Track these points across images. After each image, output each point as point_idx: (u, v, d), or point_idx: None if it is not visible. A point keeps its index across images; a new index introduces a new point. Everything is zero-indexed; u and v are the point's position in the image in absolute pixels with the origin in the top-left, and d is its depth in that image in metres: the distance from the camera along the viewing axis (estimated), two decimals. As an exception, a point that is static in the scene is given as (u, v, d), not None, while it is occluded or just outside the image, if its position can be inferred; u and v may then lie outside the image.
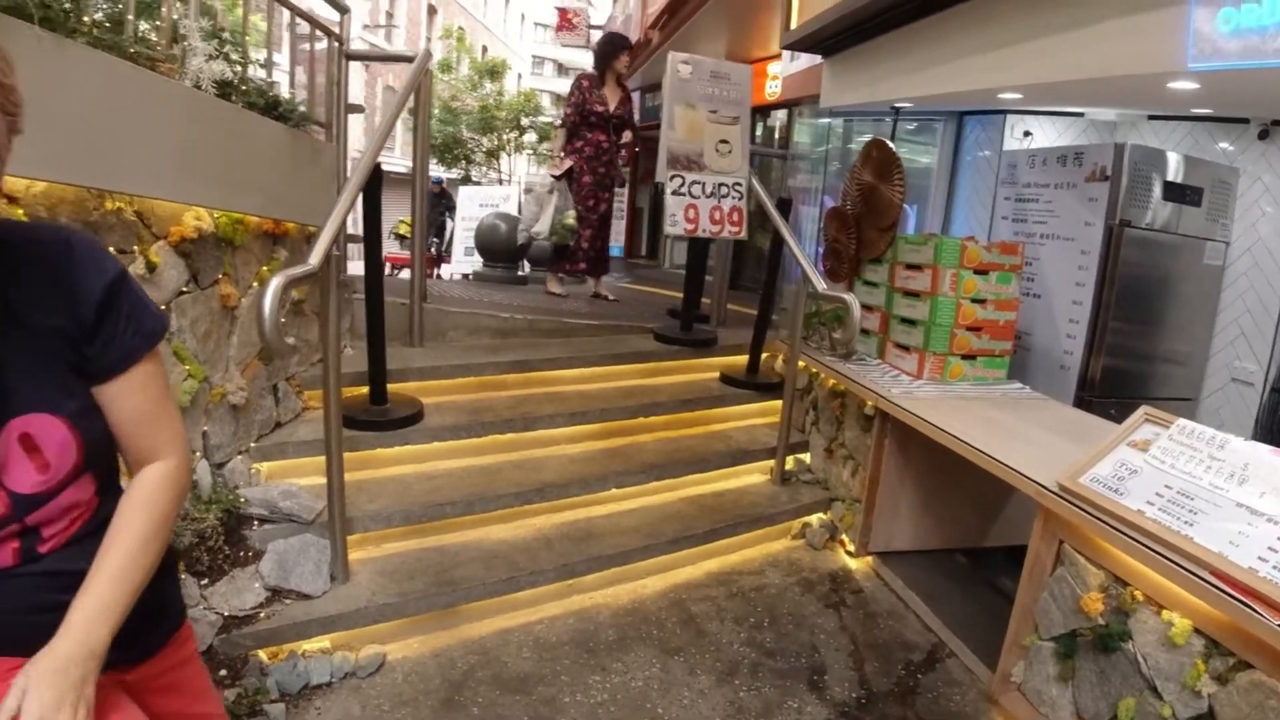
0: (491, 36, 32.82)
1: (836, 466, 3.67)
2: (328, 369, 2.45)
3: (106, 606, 0.97)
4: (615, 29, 13.57)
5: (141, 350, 1.07)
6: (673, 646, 2.75)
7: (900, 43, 4.28)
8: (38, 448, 0.98)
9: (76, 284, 1.02)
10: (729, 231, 4.16)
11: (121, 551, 1.01)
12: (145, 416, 1.08)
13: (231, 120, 2.74)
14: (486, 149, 17.96)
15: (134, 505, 1.06)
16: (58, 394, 1.00)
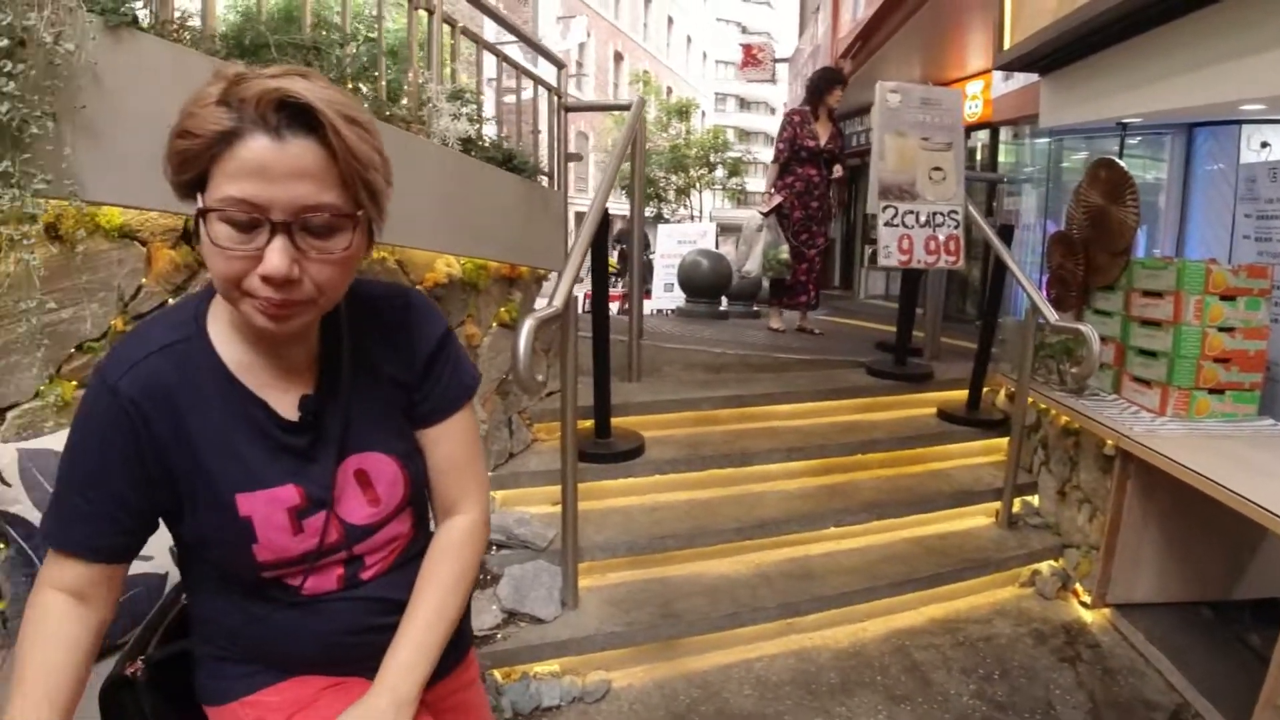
0: (675, 77, 33.60)
1: (1070, 510, 3.45)
2: (565, 403, 2.58)
3: (417, 658, 1.05)
4: (803, 61, 13.56)
5: (460, 400, 1.16)
6: (898, 694, 2.66)
7: (1128, 56, 4.03)
8: (371, 483, 1.08)
9: (413, 337, 1.11)
10: (945, 261, 4.05)
11: (431, 604, 1.09)
12: (457, 464, 1.16)
13: (474, 173, 2.95)
14: (677, 187, 18.32)
15: (442, 558, 1.14)
16: (391, 436, 1.10)
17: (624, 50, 29.15)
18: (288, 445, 1.02)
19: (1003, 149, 7.63)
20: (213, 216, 0.85)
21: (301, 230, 0.87)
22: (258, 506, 0.99)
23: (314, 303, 0.92)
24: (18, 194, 1.58)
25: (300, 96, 0.84)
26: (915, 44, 7.39)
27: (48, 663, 0.94)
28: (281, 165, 0.85)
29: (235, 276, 0.87)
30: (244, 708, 1.09)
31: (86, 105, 1.72)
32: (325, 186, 0.87)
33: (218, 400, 0.99)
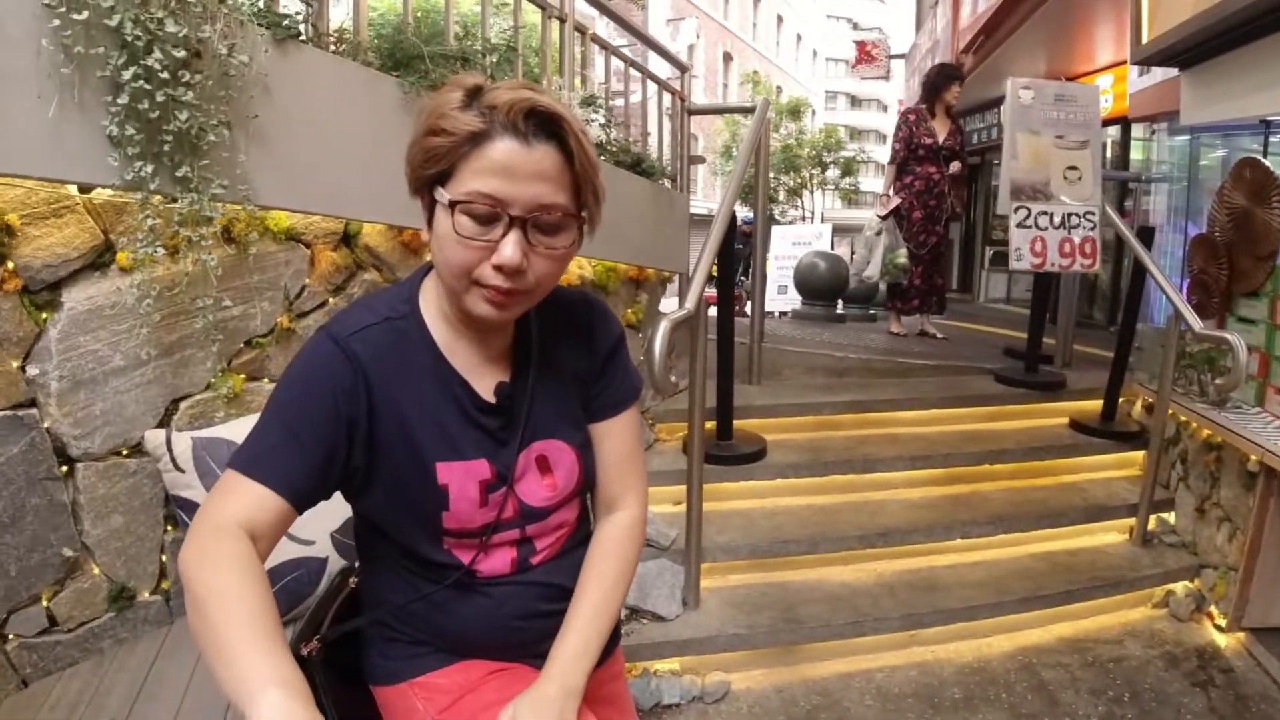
0: (785, 76, 33.26)
1: (1208, 529, 3.27)
2: (693, 405, 2.59)
3: (583, 649, 1.09)
4: (920, 57, 13.22)
5: (629, 399, 1.23)
6: (1024, 713, 2.58)
7: (1276, 50, 3.78)
8: (550, 468, 1.15)
9: (595, 336, 1.20)
10: (1080, 265, 3.89)
11: (595, 598, 1.14)
12: (622, 459, 1.22)
13: (606, 177, 2.99)
14: (789, 188, 18.13)
15: (605, 553, 1.19)
16: (571, 426, 1.17)
17: (733, 51, 29.03)
18: (482, 425, 1.09)
19: (1135, 146, 7.27)
20: (459, 208, 0.94)
21: (534, 227, 0.96)
22: (455, 476, 1.06)
23: (530, 294, 1.01)
24: (196, 198, 1.69)
25: (550, 107, 0.94)
26: (1041, 37, 7.11)
27: (263, 600, 0.88)
28: (526, 166, 0.93)
29: (469, 265, 0.96)
30: (413, 688, 1.15)
31: (258, 115, 1.82)
32: (559, 188, 0.96)
33: (428, 375, 1.07)
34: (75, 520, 1.70)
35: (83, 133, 1.58)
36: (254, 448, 0.98)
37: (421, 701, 1.13)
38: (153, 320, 1.73)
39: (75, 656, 1.68)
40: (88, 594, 1.71)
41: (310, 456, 0.98)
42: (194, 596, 0.86)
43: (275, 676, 0.79)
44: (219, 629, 0.83)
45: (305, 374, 1.02)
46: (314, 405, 0.99)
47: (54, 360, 1.64)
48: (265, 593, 0.89)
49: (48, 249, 1.63)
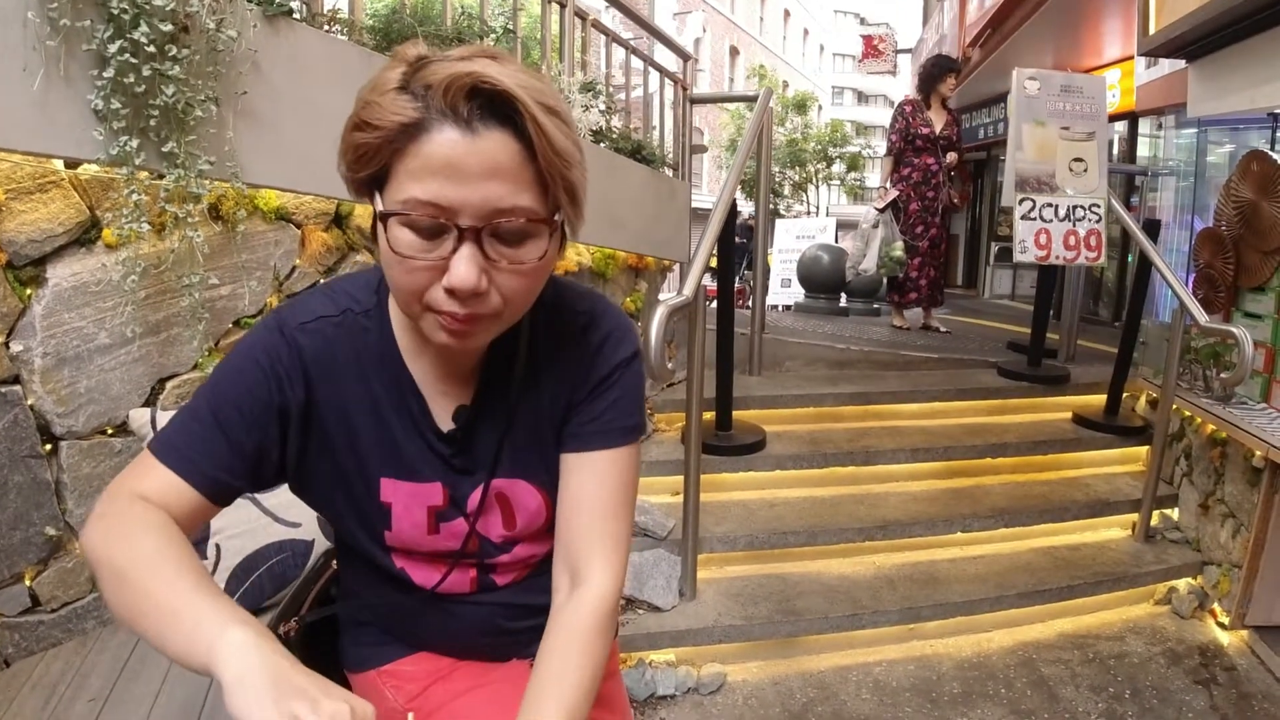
0: (791, 71, 33.20)
1: (1212, 525, 3.24)
2: (690, 394, 2.57)
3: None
4: (927, 51, 13.16)
5: (616, 437, 0.98)
6: (1023, 709, 2.55)
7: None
8: (511, 510, 1.00)
9: (593, 357, 0.98)
10: (1085, 258, 3.85)
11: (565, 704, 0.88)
12: (596, 508, 0.96)
13: (605, 163, 2.97)
14: (794, 182, 18.09)
15: (565, 655, 0.92)
16: (541, 466, 0.99)
17: (739, 45, 28.98)
18: (436, 449, 0.96)
19: (1142, 142, 7.22)
20: (393, 221, 0.76)
21: (492, 237, 0.77)
22: (400, 496, 0.95)
23: (499, 317, 0.83)
24: (183, 174, 1.66)
25: (496, 82, 0.73)
26: (1049, 31, 7.08)
27: (194, 560, 0.78)
28: (472, 162, 0.74)
29: (417, 289, 0.79)
30: (382, 676, 1.11)
31: (247, 91, 1.80)
32: (520, 187, 0.77)
33: (383, 380, 0.93)
34: (59, 499, 1.68)
35: (68, 106, 1.56)
36: (177, 433, 0.87)
37: (390, 690, 1.10)
38: (138, 298, 1.71)
39: (58, 637, 1.66)
40: (71, 574, 1.69)
41: (234, 451, 0.86)
42: (113, 569, 0.75)
43: (232, 617, 0.68)
44: (152, 590, 0.72)
45: (242, 363, 0.89)
46: (247, 397, 0.87)
47: (38, 337, 1.62)
48: (194, 555, 0.78)
49: (33, 224, 1.61)
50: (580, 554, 0.95)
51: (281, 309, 0.93)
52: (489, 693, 1.06)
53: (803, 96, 19.38)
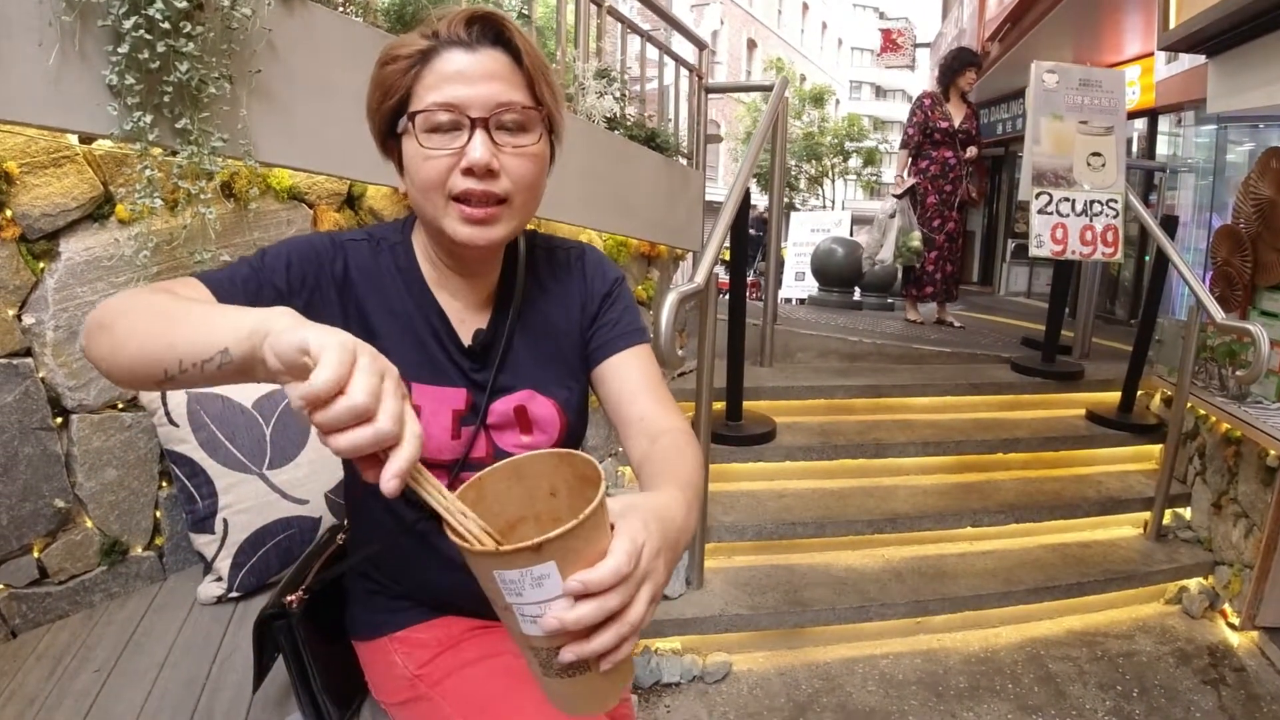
0: (809, 64, 33.04)
1: (1224, 525, 3.21)
2: (700, 382, 2.56)
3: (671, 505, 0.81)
4: (946, 45, 13.06)
5: (636, 337, 1.14)
6: (1030, 705, 2.54)
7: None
8: (529, 421, 1.11)
9: (588, 280, 1.16)
10: (1102, 253, 3.81)
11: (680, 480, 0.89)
12: (647, 388, 1.09)
13: (619, 150, 2.96)
14: (810, 175, 18.02)
15: (668, 459, 0.96)
16: (554, 380, 1.12)
17: (757, 38, 28.86)
18: (459, 363, 1.08)
19: (1161, 140, 7.15)
20: (419, 120, 0.94)
21: (497, 128, 0.95)
22: (428, 400, 1.05)
23: (509, 204, 0.98)
24: (196, 150, 1.66)
25: (488, 12, 0.96)
26: (1068, 26, 7.01)
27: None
28: (476, 69, 0.94)
29: (440, 177, 0.95)
30: (393, 642, 1.13)
31: (261, 70, 1.80)
32: (513, 86, 0.96)
33: (411, 300, 1.06)
34: (68, 472, 1.69)
35: (83, 82, 1.56)
36: (220, 271, 0.97)
37: (401, 656, 1.12)
38: (150, 273, 1.72)
39: (65, 609, 1.67)
40: (79, 547, 1.70)
41: (272, 289, 0.97)
42: (130, 310, 0.77)
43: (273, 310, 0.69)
44: (177, 312, 0.75)
45: (295, 244, 1.03)
46: (292, 263, 1.00)
47: (50, 310, 1.63)
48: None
49: (46, 198, 1.61)
50: (651, 420, 1.06)
51: (330, 232, 1.08)
52: (499, 664, 1.07)
53: (820, 90, 19.28)
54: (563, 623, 0.63)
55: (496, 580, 0.64)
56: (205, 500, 1.69)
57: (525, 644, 0.68)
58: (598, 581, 0.63)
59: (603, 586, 0.63)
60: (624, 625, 0.65)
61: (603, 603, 0.63)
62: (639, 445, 1.04)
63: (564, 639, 0.65)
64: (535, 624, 0.64)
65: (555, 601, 0.64)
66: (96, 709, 1.33)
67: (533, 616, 0.64)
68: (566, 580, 0.63)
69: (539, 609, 0.64)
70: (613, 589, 0.64)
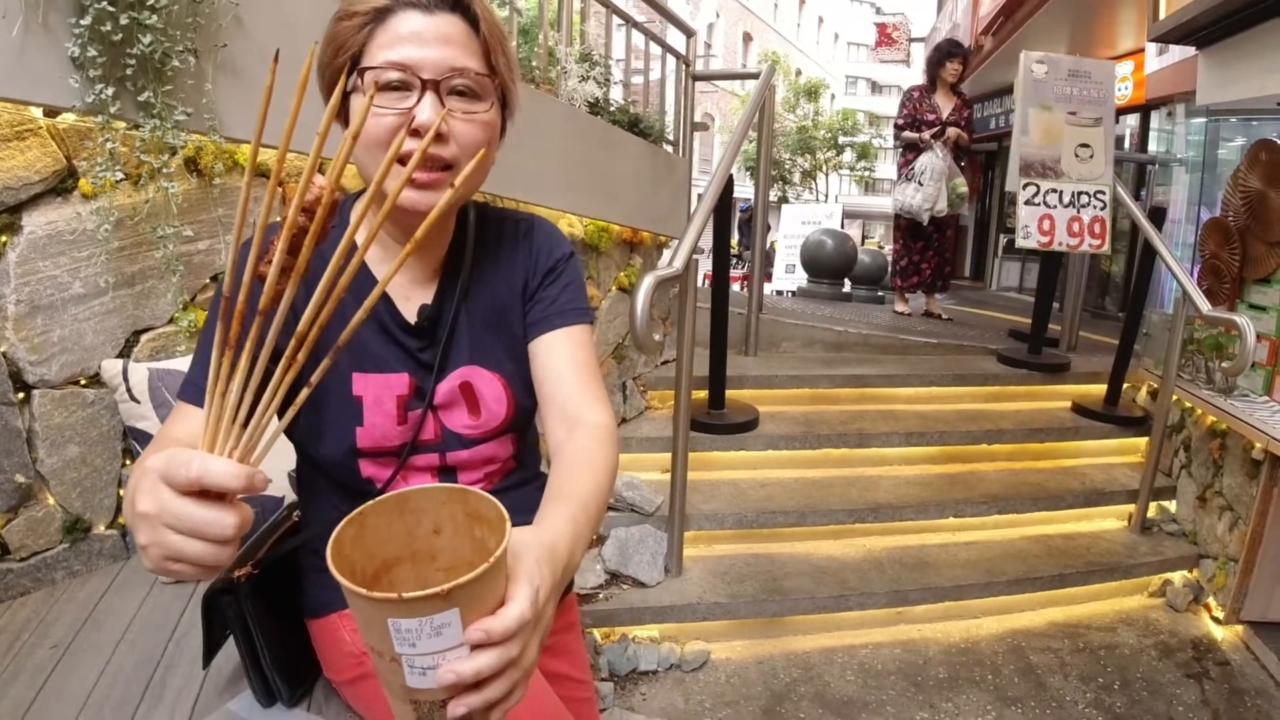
0: (805, 58, 33.01)
1: (1209, 518, 3.20)
2: (680, 369, 2.54)
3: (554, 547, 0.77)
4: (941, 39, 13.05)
5: (574, 317, 1.11)
6: (1009, 696, 2.53)
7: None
8: (475, 397, 1.08)
9: (535, 251, 1.14)
10: (1089, 245, 3.80)
11: (568, 508, 0.87)
12: (572, 371, 1.08)
13: (601, 135, 2.94)
14: (803, 169, 18.00)
15: (574, 464, 0.96)
16: (501, 355, 1.10)
17: (753, 31, 28.81)
18: (403, 343, 1.06)
19: (1153, 136, 7.15)
20: (369, 78, 0.93)
21: (449, 93, 0.95)
22: (370, 388, 1.03)
23: (455, 169, 0.96)
24: (158, 124, 1.64)
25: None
26: (1062, 20, 7.02)
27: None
28: (431, 32, 0.94)
29: (386, 136, 0.93)
30: (342, 619, 1.12)
31: (227, 44, 1.77)
32: (469, 53, 0.96)
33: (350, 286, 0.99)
34: (30, 448, 1.66)
35: (46, 54, 1.54)
36: (190, 370, 0.97)
37: (349, 633, 1.11)
38: (113, 248, 1.69)
39: (27, 586, 1.65)
40: (41, 523, 1.68)
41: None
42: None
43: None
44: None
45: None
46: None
47: (11, 284, 1.60)
48: None
49: (8, 171, 1.59)
50: (573, 406, 1.05)
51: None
52: None
53: (814, 83, 19.25)
54: (460, 676, 0.59)
55: (389, 629, 0.57)
56: (167, 479, 1.66)
57: (405, 696, 0.61)
58: (503, 631, 0.60)
59: (507, 635, 0.60)
60: (517, 672, 0.62)
61: (505, 651, 0.60)
62: (556, 432, 1.03)
63: (454, 691, 0.60)
64: (425, 675, 0.59)
65: (451, 651, 0.59)
66: (51, 684, 1.32)
67: (423, 668, 0.59)
68: (468, 630, 0.59)
69: (432, 660, 0.59)
70: (514, 637, 0.61)
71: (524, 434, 1.17)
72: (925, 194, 5.14)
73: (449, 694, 0.60)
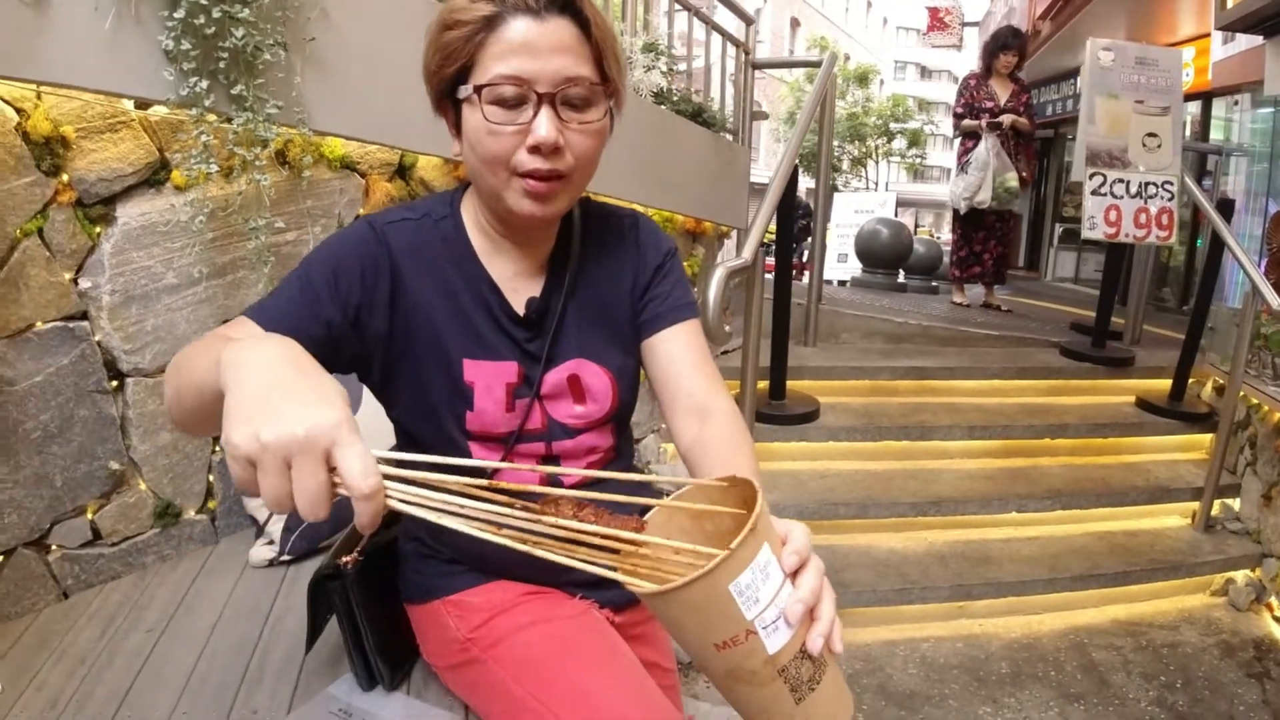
0: (853, 43, 32.59)
1: (1274, 517, 3.13)
2: (746, 360, 2.54)
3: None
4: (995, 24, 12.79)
5: (686, 311, 1.13)
6: (1072, 693, 2.50)
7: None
8: (582, 389, 1.09)
9: (642, 249, 1.14)
10: (1156, 236, 3.72)
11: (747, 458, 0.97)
12: (695, 364, 1.09)
13: (664, 125, 2.93)
14: (853, 157, 17.79)
15: (721, 447, 0.99)
16: (607, 348, 1.11)
17: (801, 16, 28.52)
18: (511, 334, 1.06)
19: (1216, 125, 6.97)
20: (485, 94, 0.90)
21: (563, 104, 0.92)
22: (481, 375, 1.04)
23: (570, 179, 0.96)
24: (251, 117, 1.67)
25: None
26: (1121, 4, 6.84)
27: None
28: (544, 41, 0.90)
29: (505, 154, 0.92)
30: (445, 606, 1.13)
31: (315, 38, 1.79)
32: (582, 60, 0.93)
33: (461, 276, 1.04)
34: (123, 435, 1.71)
35: (139, 47, 1.56)
36: (267, 299, 0.96)
37: (454, 619, 1.12)
38: (205, 239, 1.73)
39: (118, 570, 1.70)
40: (133, 509, 1.72)
41: (316, 320, 0.94)
42: (182, 363, 0.79)
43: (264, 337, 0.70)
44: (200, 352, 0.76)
45: (336, 248, 1.00)
46: (339, 274, 0.97)
47: (106, 274, 1.64)
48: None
49: (103, 163, 1.62)
50: (699, 395, 1.06)
51: (370, 215, 1.05)
52: (551, 629, 1.07)
53: (864, 69, 18.99)
54: (805, 600, 0.62)
55: (734, 598, 0.59)
56: (256, 465, 1.70)
57: (772, 673, 0.63)
58: (805, 544, 0.65)
59: (809, 550, 0.65)
60: (829, 589, 0.67)
61: (817, 563, 0.65)
62: (688, 425, 1.04)
63: (802, 634, 0.63)
64: (778, 629, 0.62)
65: (782, 592, 0.62)
66: (147, 669, 1.35)
67: (772, 621, 0.61)
68: (783, 558, 0.63)
69: (775, 611, 0.61)
70: (812, 554, 0.66)
71: (623, 426, 1.18)
72: (967, 183, 5.07)
73: (801, 637, 0.63)
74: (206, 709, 1.25)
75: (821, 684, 0.65)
